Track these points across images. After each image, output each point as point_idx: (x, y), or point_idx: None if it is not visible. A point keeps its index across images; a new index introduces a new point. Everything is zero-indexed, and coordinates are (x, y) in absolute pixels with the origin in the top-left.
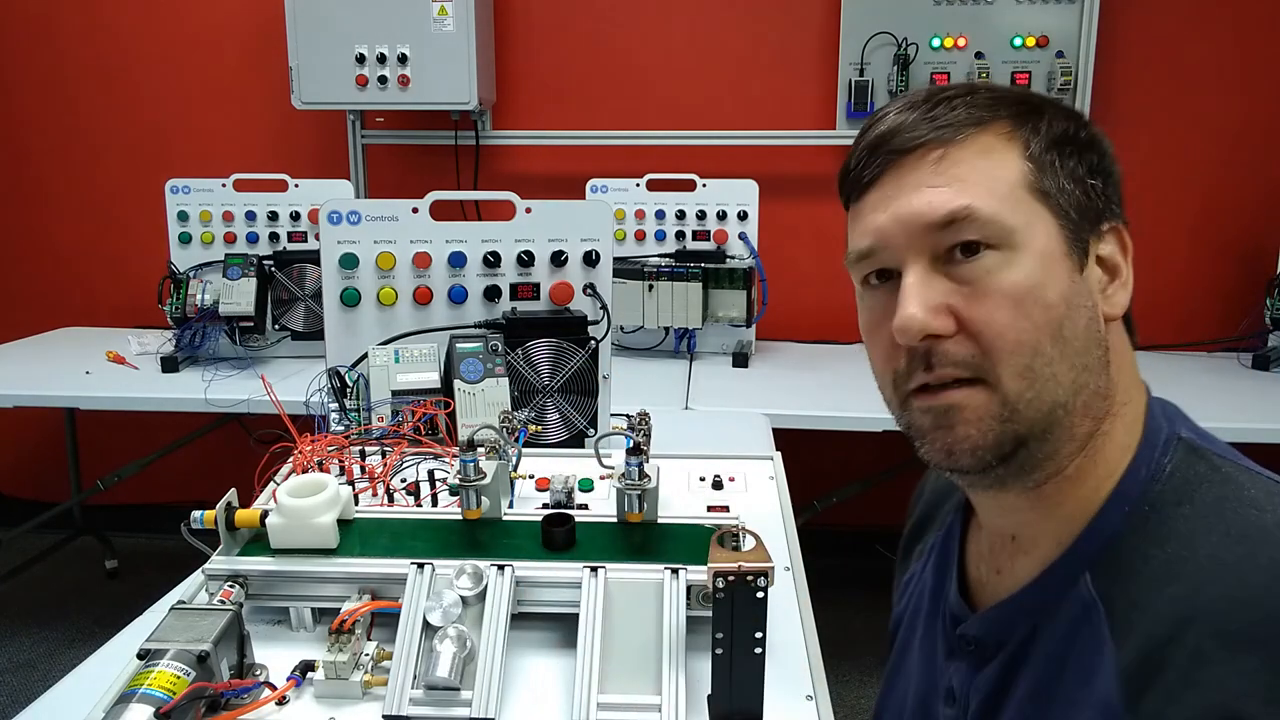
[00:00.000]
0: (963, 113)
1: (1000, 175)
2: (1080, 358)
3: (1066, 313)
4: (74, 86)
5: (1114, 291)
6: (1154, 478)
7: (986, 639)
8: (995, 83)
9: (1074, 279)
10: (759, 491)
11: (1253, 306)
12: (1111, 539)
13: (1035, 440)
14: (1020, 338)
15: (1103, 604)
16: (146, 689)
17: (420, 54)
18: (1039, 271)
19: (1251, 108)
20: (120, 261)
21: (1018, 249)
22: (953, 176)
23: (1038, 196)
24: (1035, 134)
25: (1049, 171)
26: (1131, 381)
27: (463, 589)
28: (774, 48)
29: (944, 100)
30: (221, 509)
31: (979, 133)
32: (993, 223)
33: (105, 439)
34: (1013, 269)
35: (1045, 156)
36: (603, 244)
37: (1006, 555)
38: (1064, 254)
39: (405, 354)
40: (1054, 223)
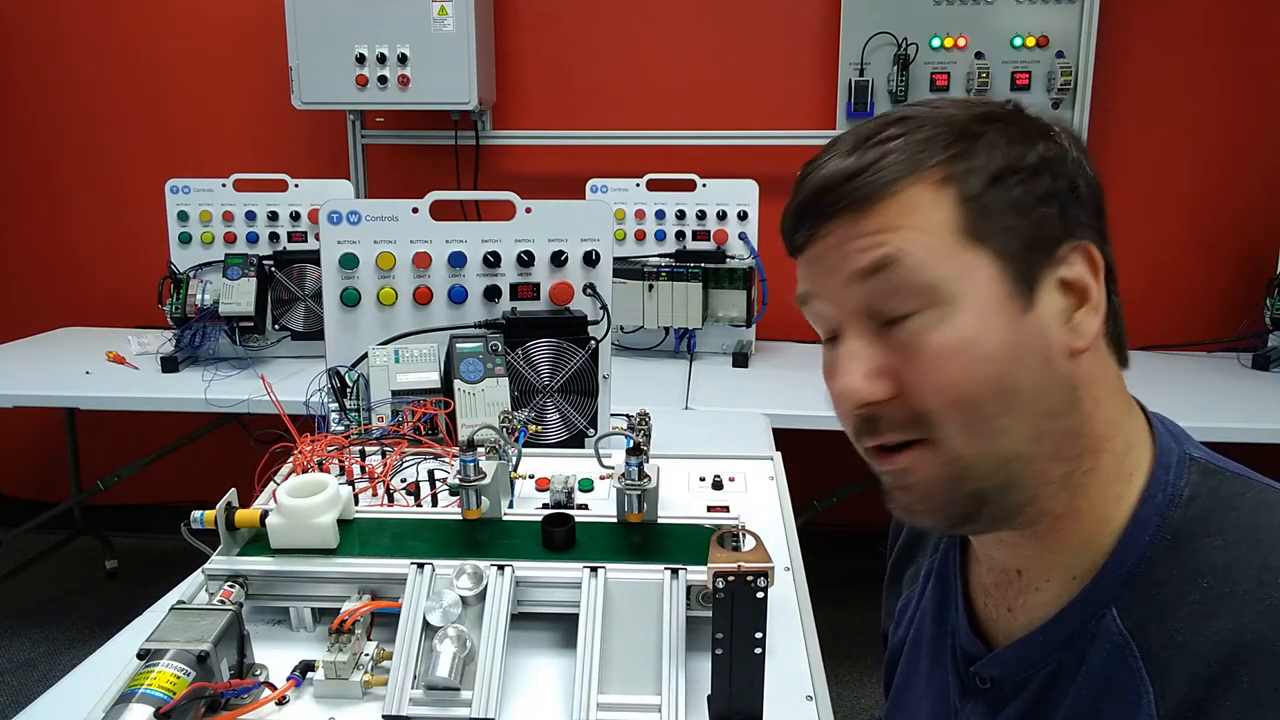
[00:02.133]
0: (894, 157)
1: (931, 223)
2: (1035, 405)
3: (1009, 364)
4: (74, 87)
5: (1082, 318)
6: (1171, 503)
7: (1005, 679)
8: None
9: (1018, 324)
10: (759, 491)
11: (1253, 306)
12: (1135, 571)
13: (997, 493)
14: (960, 396)
15: (1135, 642)
16: (146, 689)
17: (420, 54)
18: (974, 325)
19: (1252, 107)
20: (120, 261)
21: (950, 303)
22: (879, 227)
23: (973, 240)
24: (970, 174)
25: (987, 212)
26: (1119, 408)
27: (463, 589)
28: (774, 48)
29: (877, 143)
30: (221, 509)
31: (907, 185)
32: (919, 272)
33: (105, 439)
34: (944, 327)
35: (982, 196)
36: (603, 244)
37: (1015, 591)
38: (1006, 297)
39: (405, 354)
40: (994, 265)
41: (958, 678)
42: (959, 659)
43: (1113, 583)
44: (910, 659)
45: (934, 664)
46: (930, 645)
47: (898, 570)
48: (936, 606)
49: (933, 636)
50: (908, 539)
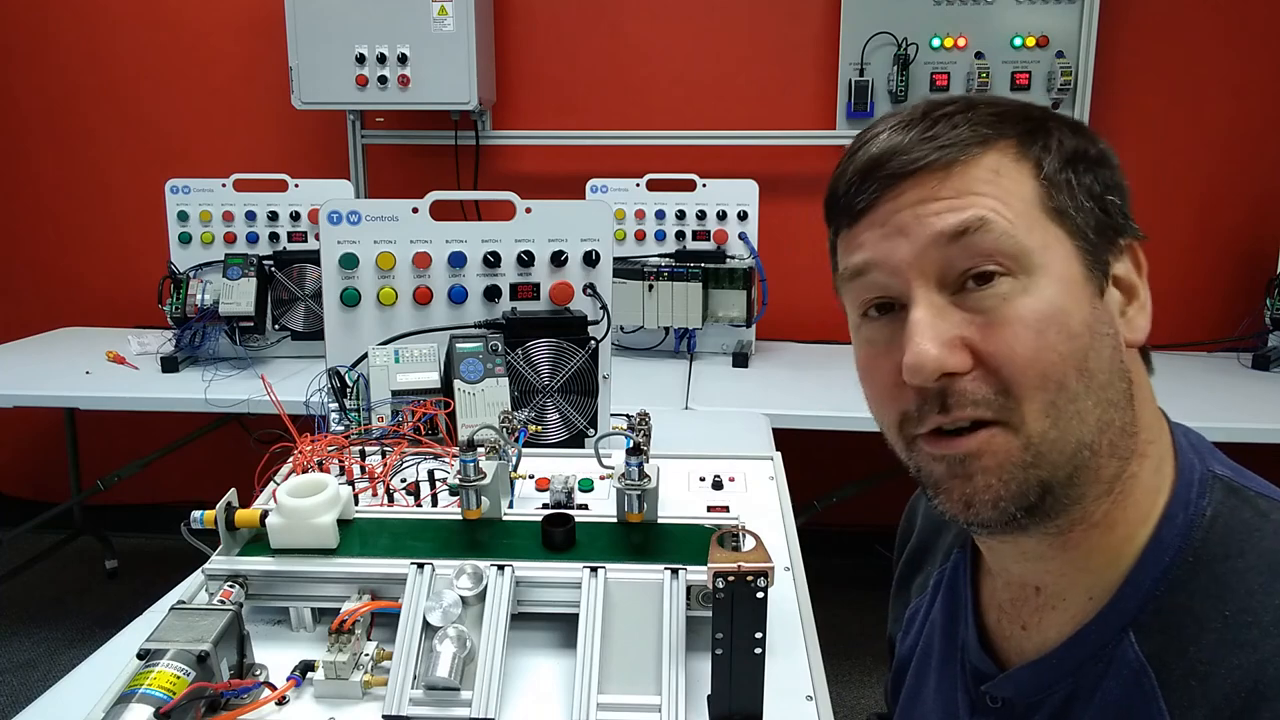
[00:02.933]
0: (965, 130)
1: (1013, 193)
2: (1105, 392)
3: (1091, 342)
4: (74, 87)
5: (1134, 314)
6: (1193, 524)
7: (1017, 700)
8: (995, 95)
9: (1095, 305)
10: (759, 491)
11: (1253, 306)
12: (1153, 594)
13: (1060, 486)
14: (1045, 371)
15: (1153, 669)
16: (146, 689)
17: (420, 54)
18: (1061, 297)
19: (1251, 107)
20: (120, 261)
21: (1035, 273)
22: (960, 190)
23: (1053, 217)
24: (1046, 151)
25: (1064, 190)
26: (1154, 415)
27: (463, 589)
28: (774, 48)
29: (943, 117)
30: (221, 509)
31: (985, 152)
32: (1008, 238)
33: (105, 439)
34: (1032, 295)
35: (1059, 175)
36: (603, 244)
37: (1032, 609)
38: (1084, 278)
39: (405, 354)
40: (1072, 244)
41: (967, 695)
42: (969, 676)
43: (1130, 606)
44: (919, 671)
45: (942, 679)
46: (940, 659)
47: (905, 577)
48: (947, 620)
49: (942, 650)
50: (917, 545)
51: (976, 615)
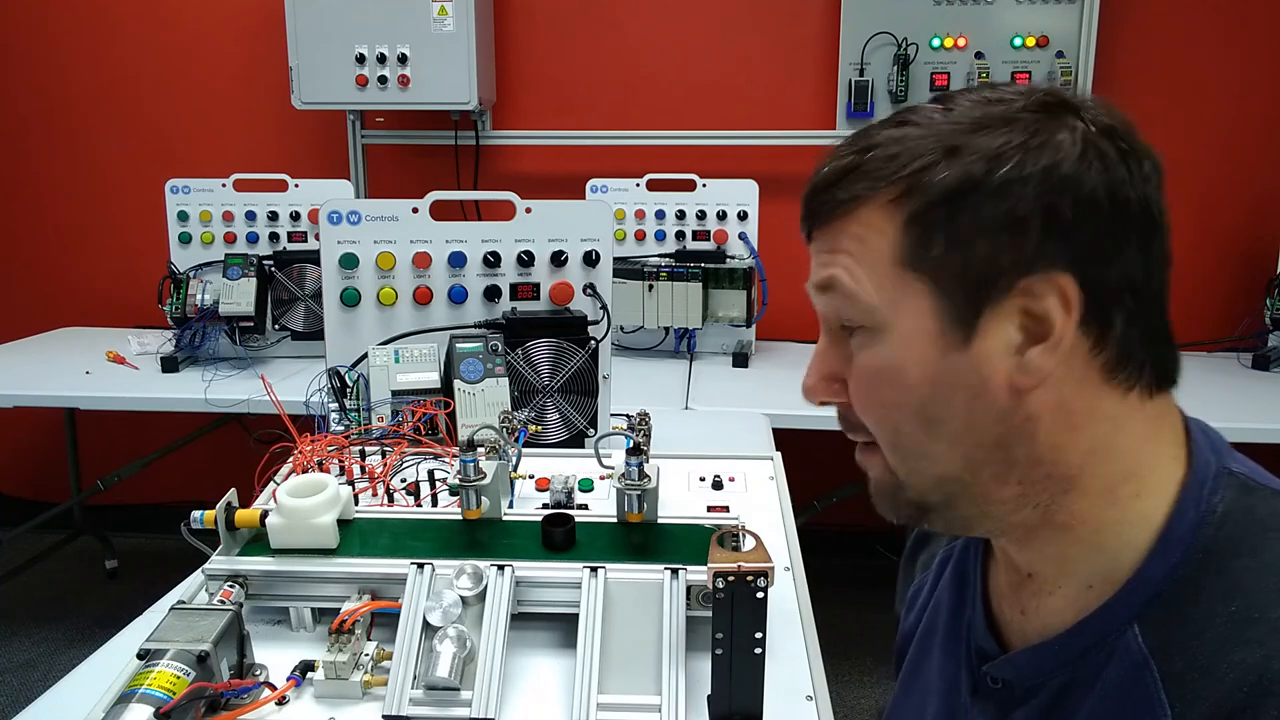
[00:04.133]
0: (862, 171)
1: (873, 249)
2: (964, 435)
3: (932, 394)
4: (74, 86)
5: (1035, 356)
6: (1204, 520)
7: (1017, 683)
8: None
9: (948, 357)
10: (759, 491)
11: (1253, 306)
12: (1161, 589)
13: (941, 507)
14: (878, 420)
15: (1156, 662)
16: (146, 689)
17: (420, 54)
18: (898, 354)
19: (1251, 107)
20: (120, 261)
21: (880, 330)
22: (832, 247)
23: (911, 270)
24: (922, 195)
25: (929, 240)
26: (1112, 436)
27: (463, 589)
28: (774, 48)
29: (860, 150)
30: (221, 509)
31: (860, 205)
32: (852, 299)
33: (105, 439)
34: (871, 351)
35: (926, 222)
36: (603, 244)
37: (1029, 594)
38: (938, 330)
39: (405, 354)
40: (929, 297)
41: (970, 674)
42: (972, 656)
43: (1137, 599)
44: (921, 648)
45: (946, 657)
46: (944, 638)
47: (913, 554)
48: (954, 600)
49: (947, 629)
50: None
51: (984, 597)
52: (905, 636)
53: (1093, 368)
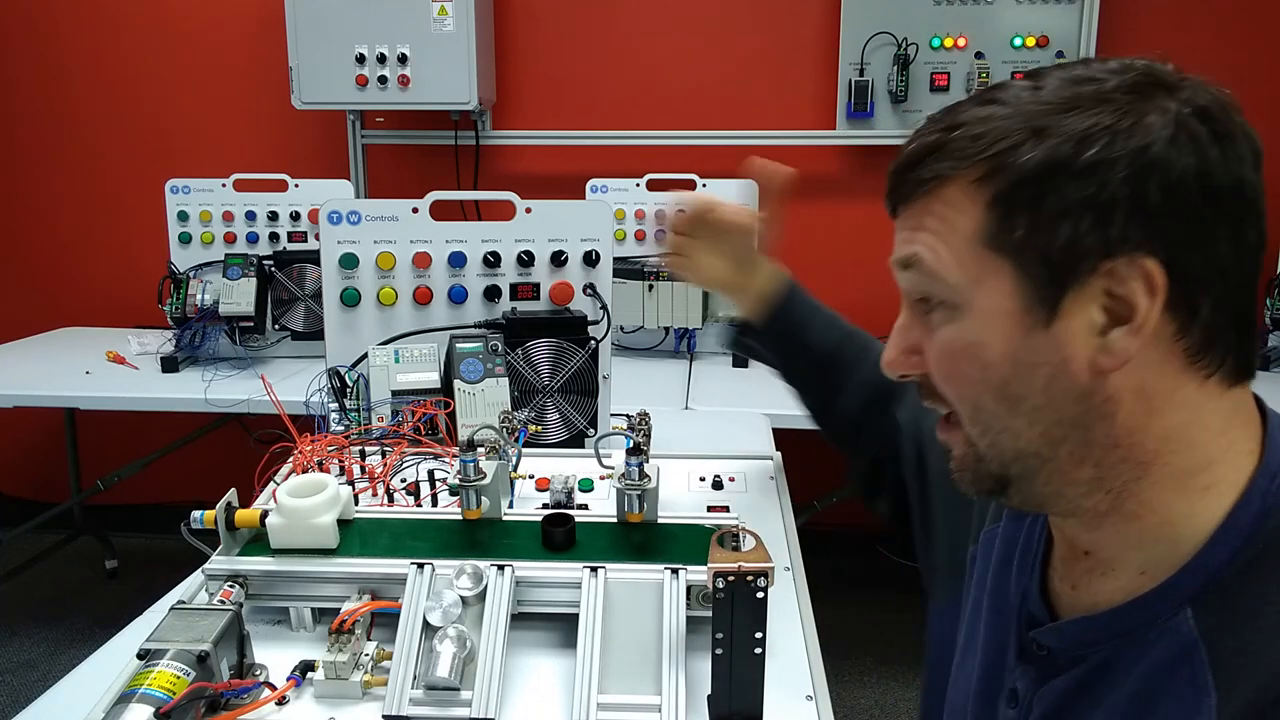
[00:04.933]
0: (946, 151)
1: (957, 228)
2: (1045, 413)
3: (1013, 372)
4: (74, 86)
5: (1117, 338)
6: (1268, 513)
7: (1060, 651)
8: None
9: (1030, 336)
10: (759, 491)
11: None
12: (1217, 575)
13: (1018, 480)
14: (958, 393)
15: (1205, 644)
16: (146, 689)
17: (420, 54)
18: (980, 331)
19: (1251, 108)
20: (120, 262)
21: (961, 307)
22: (915, 225)
23: (994, 249)
24: (1007, 175)
25: (1013, 220)
26: (1190, 423)
27: (463, 589)
28: (774, 48)
29: (947, 127)
30: (221, 509)
31: (944, 184)
32: (934, 276)
33: (105, 439)
34: (953, 327)
35: (1011, 202)
36: (603, 244)
37: (1081, 571)
38: (1020, 310)
39: (405, 354)
40: (1012, 277)
41: (1017, 640)
42: (1022, 622)
43: (1192, 583)
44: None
45: (997, 616)
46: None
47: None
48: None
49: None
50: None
51: (1043, 567)
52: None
53: (1175, 352)
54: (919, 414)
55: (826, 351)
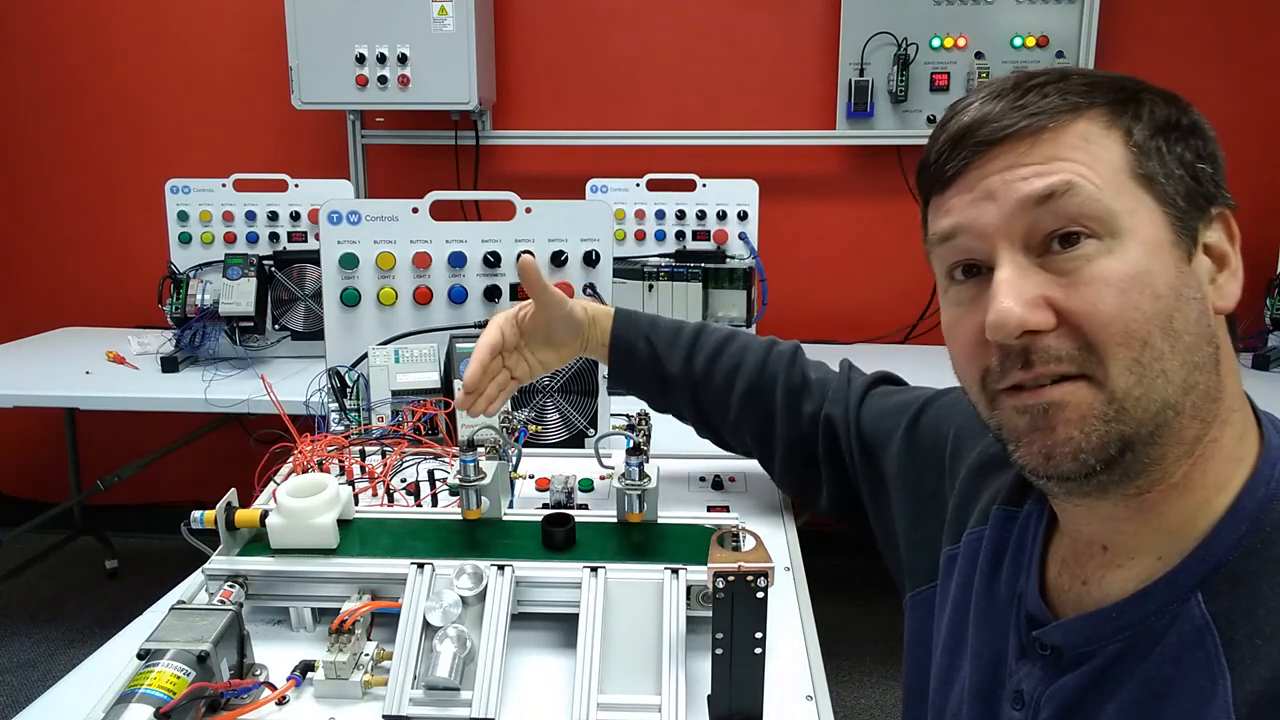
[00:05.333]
0: (1056, 99)
1: (1102, 159)
2: (1191, 354)
3: (1176, 304)
4: (74, 86)
5: (1224, 281)
6: (1274, 497)
7: (1067, 649)
8: (1087, 68)
9: (1182, 269)
10: (759, 491)
11: (1253, 307)
12: (1225, 560)
13: (1142, 443)
14: (1129, 329)
15: (1218, 627)
16: (146, 689)
17: (420, 54)
18: (1145, 259)
19: (1251, 108)
20: (120, 261)
21: (1120, 236)
22: (1049, 156)
23: (1141, 183)
24: (1136, 120)
25: (1153, 157)
26: (1238, 384)
27: (463, 589)
28: (774, 48)
29: (1034, 88)
30: (221, 509)
31: (1074, 120)
32: (1094, 202)
33: (105, 439)
34: (1116, 257)
35: (1149, 143)
36: (603, 244)
37: (1096, 565)
38: (1171, 243)
39: (405, 354)
40: (1159, 210)
41: (1018, 641)
42: (1022, 622)
43: (1201, 568)
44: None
45: (988, 620)
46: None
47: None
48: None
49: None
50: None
51: (1041, 566)
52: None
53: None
54: (854, 407)
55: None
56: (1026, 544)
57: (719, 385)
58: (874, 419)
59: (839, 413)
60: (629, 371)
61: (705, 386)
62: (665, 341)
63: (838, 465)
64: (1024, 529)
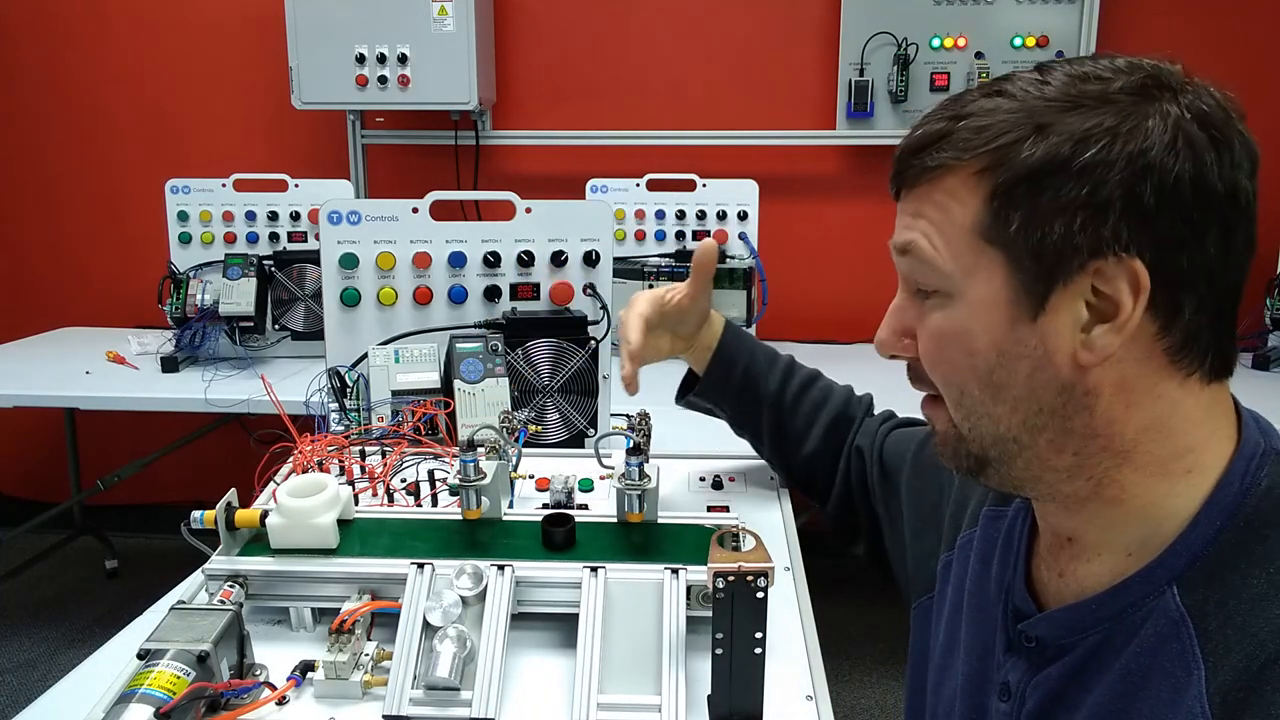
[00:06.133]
0: (952, 140)
1: (954, 219)
2: (1026, 403)
3: (998, 361)
4: (74, 86)
5: (1099, 335)
6: (1248, 492)
7: (1050, 640)
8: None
9: (1016, 328)
10: (759, 492)
11: (1252, 307)
12: (1202, 554)
13: (996, 463)
14: (945, 378)
15: (1192, 619)
16: (146, 689)
17: (420, 54)
18: (969, 320)
19: (1251, 108)
20: (120, 261)
21: (954, 295)
22: (915, 211)
23: (988, 241)
24: (1005, 171)
25: (1008, 215)
26: (1168, 416)
27: (463, 589)
28: (774, 48)
29: (954, 117)
30: (221, 509)
31: (945, 175)
32: (928, 266)
33: (105, 439)
34: (943, 314)
35: (1008, 197)
36: (603, 244)
37: (1067, 557)
38: (1009, 302)
39: (405, 354)
40: (1004, 270)
41: (1005, 634)
42: (1009, 616)
43: (1178, 562)
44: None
45: (980, 614)
46: (972, 608)
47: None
48: (986, 562)
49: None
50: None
51: (1028, 561)
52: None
53: (1156, 350)
54: (879, 437)
55: (773, 385)
56: (1014, 540)
57: (805, 413)
58: (893, 446)
59: (866, 443)
60: (724, 383)
61: (793, 412)
62: (765, 360)
63: (865, 497)
64: (1011, 526)
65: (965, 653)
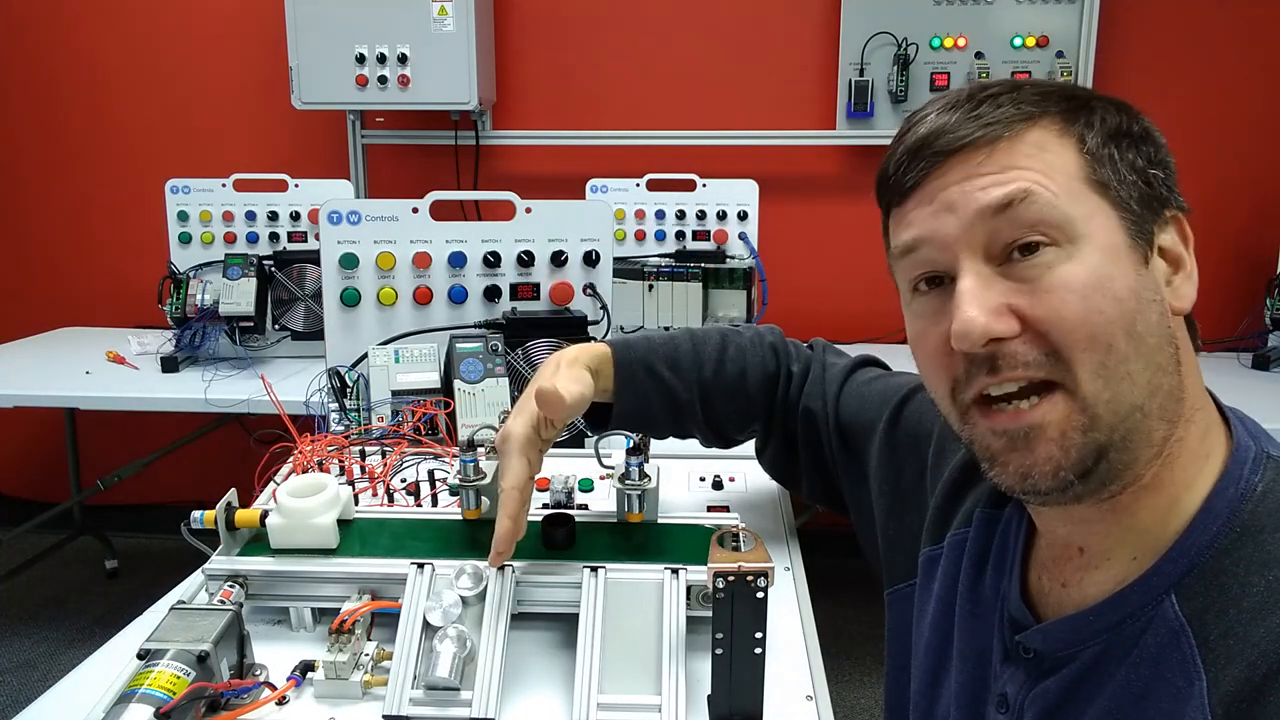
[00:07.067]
0: (1009, 109)
1: (1056, 166)
2: (1154, 356)
3: (1138, 307)
4: (73, 87)
5: (1180, 283)
6: (1244, 497)
7: (1048, 653)
8: (1039, 79)
9: (1140, 272)
10: (759, 491)
11: (1253, 306)
12: (1199, 561)
13: (1115, 449)
14: (1093, 333)
15: (1192, 629)
16: (146, 689)
17: (420, 54)
18: (1105, 264)
19: (1251, 108)
20: (120, 261)
21: (1079, 242)
22: (1005, 165)
23: (1096, 188)
24: (1089, 127)
25: (1106, 164)
26: (1199, 383)
27: (463, 589)
28: (774, 48)
29: (989, 98)
30: (221, 509)
31: (1028, 128)
32: (1051, 209)
33: (105, 439)
34: (1076, 262)
35: (1102, 150)
36: (603, 244)
37: (1074, 568)
38: (1128, 246)
39: (405, 354)
40: (1115, 215)
41: (1002, 644)
42: (1005, 627)
43: (1175, 570)
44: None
45: (975, 622)
46: (964, 615)
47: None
48: (994, 569)
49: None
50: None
51: (1021, 570)
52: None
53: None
54: (832, 400)
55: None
56: (1008, 547)
57: (728, 392)
58: (853, 411)
59: (817, 406)
60: (638, 414)
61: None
62: (669, 368)
63: (818, 457)
64: (1005, 532)
65: (960, 659)
